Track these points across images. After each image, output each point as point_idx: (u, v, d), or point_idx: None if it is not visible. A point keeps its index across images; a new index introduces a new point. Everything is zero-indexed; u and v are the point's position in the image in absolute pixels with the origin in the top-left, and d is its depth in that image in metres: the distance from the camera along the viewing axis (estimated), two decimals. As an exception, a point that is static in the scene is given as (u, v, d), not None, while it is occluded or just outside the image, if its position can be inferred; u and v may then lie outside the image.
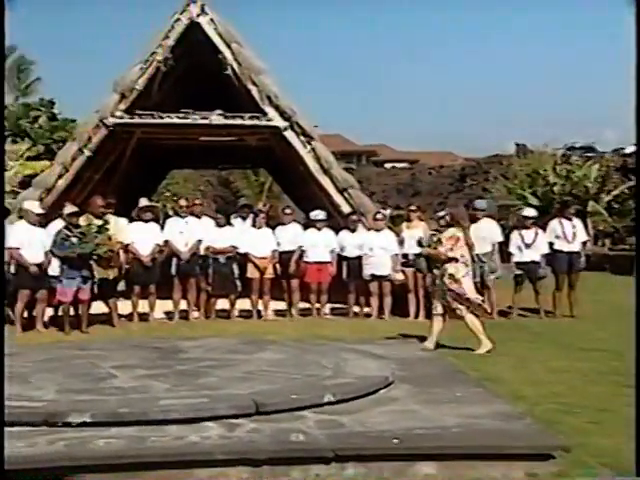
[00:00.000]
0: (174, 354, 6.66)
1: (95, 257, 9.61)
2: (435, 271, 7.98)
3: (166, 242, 10.64)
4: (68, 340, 8.79)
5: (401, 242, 10.79)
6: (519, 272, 10.80)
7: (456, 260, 7.82)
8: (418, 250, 10.32)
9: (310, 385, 5.13)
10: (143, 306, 10.47)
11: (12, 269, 9.69)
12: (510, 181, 27.96)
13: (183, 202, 11.39)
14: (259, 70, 11.21)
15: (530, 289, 10.82)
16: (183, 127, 11.52)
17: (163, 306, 10.72)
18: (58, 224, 9.86)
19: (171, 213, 18.16)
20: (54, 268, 9.69)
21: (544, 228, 11.00)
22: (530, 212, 11.34)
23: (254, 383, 5.19)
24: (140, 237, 10.35)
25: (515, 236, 10.97)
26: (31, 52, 41.73)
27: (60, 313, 9.98)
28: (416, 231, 10.69)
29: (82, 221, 9.84)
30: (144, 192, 13.80)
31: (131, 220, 10.77)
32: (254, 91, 11.14)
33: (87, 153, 11.27)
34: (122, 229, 10.34)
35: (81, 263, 9.51)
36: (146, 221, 10.56)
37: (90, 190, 11.85)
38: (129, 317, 10.45)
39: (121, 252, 10.34)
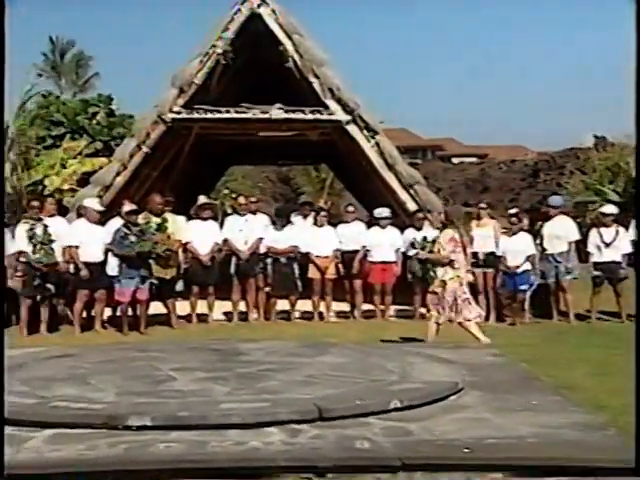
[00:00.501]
0: (234, 356, 6.73)
1: (153, 256, 9.82)
2: (431, 274, 8.00)
3: (225, 241, 10.79)
4: (126, 341, 9.00)
5: (470, 241, 10.66)
6: (598, 273, 10.55)
7: (450, 262, 7.86)
8: (490, 249, 10.20)
9: (375, 390, 5.12)
10: (202, 307, 10.65)
11: (71, 268, 10.00)
12: (588, 176, 27.20)
13: (242, 199, 11.54)
14: (321, 62, 11.25)
15: (610, 291, 10.54)
16: (242, 122, 11.65)
17: (222, 307, 10.87)
18: (116, 222, 10.11)
19: (230, 211, 18.41)
20: (112, 267, 9.94)
21: (626, 226, 10.70)
22: (610, 209, 11.05)
23: (316, 387, 5.21)
24: (199, 236, 10.53)
25: (593, 234, 10.71)
26: (90, 48, 42.84)
27: (118, 313, 10.25)
28: (486, 230, 10.55)
29: (140, 219, 10.07)
30: (202, 189, 14.06)
31: (189, 218, 10.97)
32: (316, 84, 11.18)
33: (145, 149, 11.52)
34: (180, 227, 10.53)
35: (140, 262, 9.72)
36: (204, 219, 10.72)
37: (148, 187, 12.11)
38: (187, 318, 10.64)
39: (179, 251, 10.54)
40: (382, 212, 11.05)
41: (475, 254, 10.54)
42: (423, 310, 10.69)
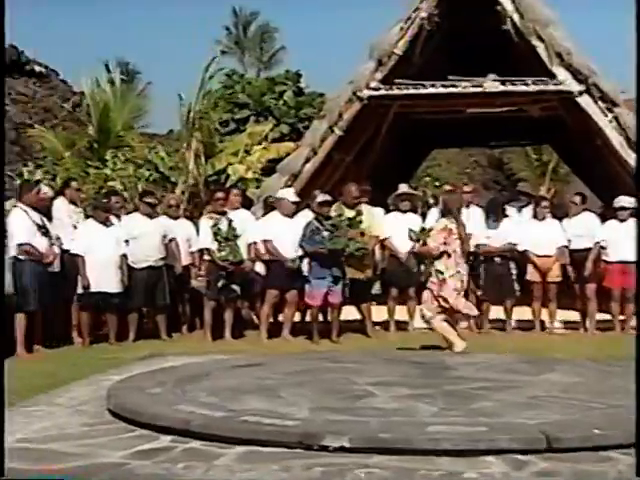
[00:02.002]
0: (441, 371, 6.74)
1: (346, 254, 10.00)
2: (424, 268, 8.12)
3: (429, 236, 10.79)
4: (318, 350, 9.27)
5: None
6: None
7: (448, 255, 8.18)
8: None
9: (616, 418, 4.91)
10: (401, 312, 10.73)
11: (258, 267, 10.46)
12: None
13: (447, 188, 11.48)
14: (547, 22, 10.92)
15: None
16: (449, 97, 11.60)
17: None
18: (306, 215, 10.43)
19: (432, 201, 18.37)
20: (302, 266, 10.27)
21: None
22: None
23: (542, 411, 5.10)
24: (398, 230, 10.60)
25: None
26: (275, 18, 44.13)
27: (308, 319, 10.59)
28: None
29: (333, 212, 10.30)
30: (401, 177, 14.13)
31: (387, 210, 11.08)
32: (540, 48, 10.87)
33: (338, 132, 11.79)
34: (377, 221, 10.66)
35: (332, 261, 9.95)
36: (404, 211, 10.79)
37: (340, 175, 12.41)
38: (385, 325, 10.77)
39: (376, 248, 10.68)
40: (622, 201, 10.53)
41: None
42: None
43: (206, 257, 10.32)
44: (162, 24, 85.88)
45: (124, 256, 10.08)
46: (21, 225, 9.25)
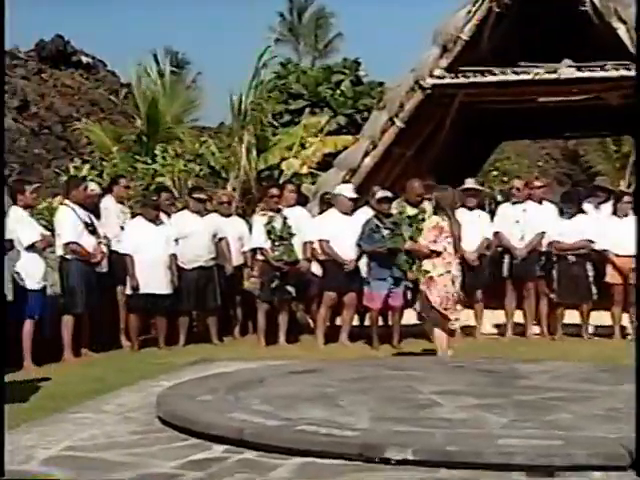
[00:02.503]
0: (511, 380, 6.68)
1: (406, 255, 9.95)
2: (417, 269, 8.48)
3: (496, 235, 10.69)
4: (378, 356, 9.27)
5: None
6: None
7: (438, 254, 8.34)
8: None
9: None
10: (467, 317, 10.65)
11: (314, 268, 10.49)
12: None
13: (518, 183, 11.34)
14: (629, 2, 10.71)
15: None
16: (520, 85, 11.46)
17: (493, 317, 10.80)
18: (365, 213, 10.42)
19: (500, 198, 18.18)
20: (361, 267, 10.27)
21: None
22: None
23: (622, 425, 5.02)
24: (464, 229, 10.49)
25: None
26: (330, 3, 44.03)
27: (367, 323, 10.57)
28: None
29: (394, 209, 10.28)
30: (467, 171, 14.01)
31: (453, 207, 11.00)
32: (621, 30, 10.67)
33: (399, 124, 11.75)
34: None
35: (392, 261, 9.93)
36: (470, 208, 10.70)
37: (401, 170, 12.36)
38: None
39: (440, 247, 10.62)
40: None
41: None
42: None
43: (259, 257, 10.38)
44: (212, 11, 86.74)
45: (174, 256, 10.20)
46: (68, 223, 9.42)
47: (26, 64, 25.77)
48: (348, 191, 10.58)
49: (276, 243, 10.16)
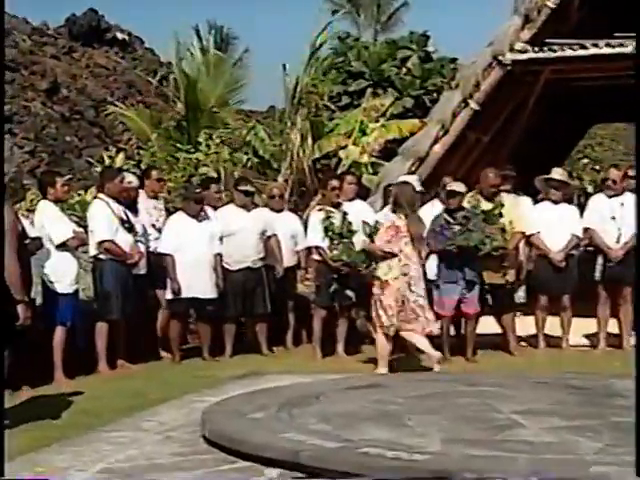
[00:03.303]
0: (605, 398, 6.62)
1: (481, 254, 9.89)
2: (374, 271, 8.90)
3: (586, 232, 10.56)
4: (449, 370, 9.22)
5: None
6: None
7: (393, 256, 8.73)
8: None
9: None
10: (552, 326, 10.55)
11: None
12: None
13: (614, 174, 11.15)
14: None
15: None
16: (615, 60, 11.30)
17: (582, 326, 10.69)
18: (434, 207, 10.38)
19: (591, 189, 17.96)
20: (429, 269, 10.21)
21: None
22: None
23: None
24: (549, 225, 10.41)
25: None
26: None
27: (435, 332, 10.51)
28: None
29: (466, 202, 10.22)
30: (553, 159, 13.89)
31: (535, 200, 10.89)
32: None
33: (473, 106, 11.69)
34: (523, 213, 10.50)
35: (465, 262, 9.86)
36: (555, 202, 10.60)
37: (476, 158, 12.28)
38: (532, 341, 10.64)
39: (520, 246, 10.53)
40: None
41: None
42: None
43: (315, 257, 10.39)
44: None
45: (219, 256, 10.27)
46: (102, 219, 9.53)
47: (56, 42, 26.18)
48: (413, 183, 10.51)
49: (335, 241, 10.15)
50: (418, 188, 10.43)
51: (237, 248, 10.39)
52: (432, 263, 10.12)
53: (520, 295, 10.67)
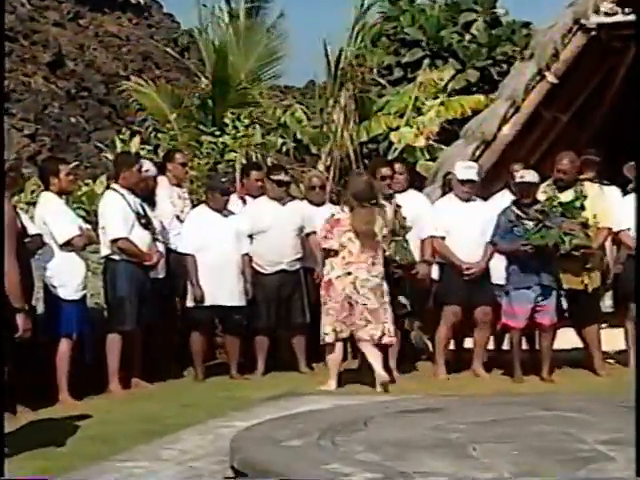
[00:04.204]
0: None
1: (561, 254, 9.84)
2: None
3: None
4: (520, 392, 9.22)
5: None
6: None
7: (335, 253, 9.32)
8: None
9: None
10: (614, 339, 10.49)
11: (434, 273, 10.46)
12: None
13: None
14: None
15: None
16: None
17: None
18: (502, 199, 10.33)
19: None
20: (497, 271, 10.17)
21: None
22: None
23: None
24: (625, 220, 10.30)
25: None
26: None
27: (505, 346, 10.49)
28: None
29: (541, 194, 10.17)
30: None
31: (625, 192, 10.79)
32: None
33: (551, 79, 11.63)
34: (609, 206, 10.43)
35: (540, 264, 9.82)
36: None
37: (552, 141, 12.21)
38: (620, 357, 10.63)
39: (607, 246, 10.47)
40: None
41: None
42: None
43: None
44: None
45: (247, 257, 10.27)
46: (116, 213, 9.55)
47: (60, 6, 26.32)
48: (470, 170, 10.51)
49: (386, 239, 10.12)
50: (470, 176, 10.34)
51: (270, 247, 10.42)
52: (499, 265, 10.11)
53: (606, 303, 10.61)
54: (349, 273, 9.29)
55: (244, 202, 10.87)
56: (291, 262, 10.53)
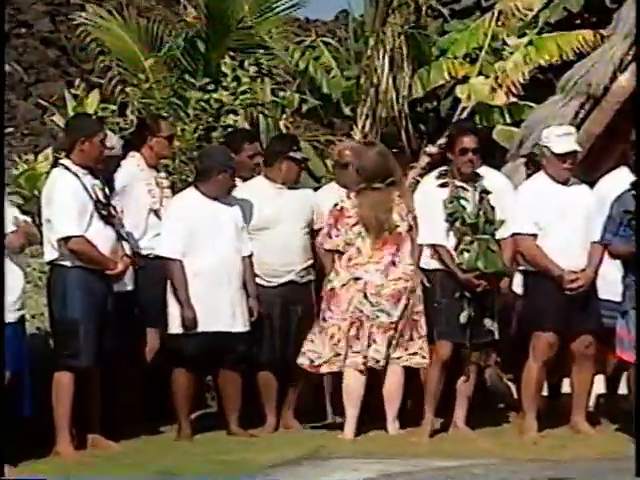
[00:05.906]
0: None
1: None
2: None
3: None
4: None
5: None
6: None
7: (340, 254, 9.64)
8: None
9: None
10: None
11: (517, 283, 10.45)
12: None
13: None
14: None
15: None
16: None
17: None
18: (615, 181, 10.39)
19: None
20: (601, 283, 10.21)
21: None
22: None
23: None
24: None
25: None
26: None
27: (621, 389, 10.51)
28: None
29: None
30: None
31: None
32: None
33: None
34: None
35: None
36: None
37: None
38: None
39: None
40: None
41: None
42: None
43: (433, 263, 10.33)
44: None
45: (249, 261, 10.30)
46: (67, 201, 9.46)
47: None
48: (570, 137, 10.55)
49: (467, 238, 10.11)
50: (570, 147, 10.33)
51: (273, 251, 10.41)
52: (611, 273, 10.12)
53: None
54: (357, 279, 9.38)
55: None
56: (301, 272, 10.52)
